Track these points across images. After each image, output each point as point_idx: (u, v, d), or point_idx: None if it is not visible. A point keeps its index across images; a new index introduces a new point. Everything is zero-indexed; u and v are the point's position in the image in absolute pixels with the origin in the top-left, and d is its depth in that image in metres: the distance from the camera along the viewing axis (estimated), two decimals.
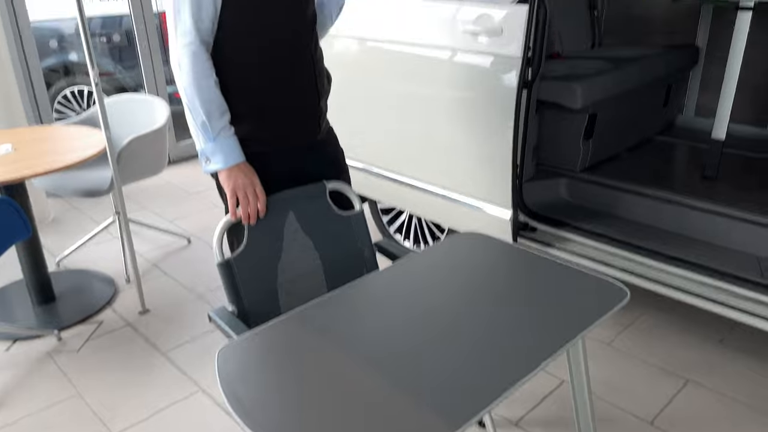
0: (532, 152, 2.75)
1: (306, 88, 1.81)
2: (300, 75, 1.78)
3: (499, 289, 1.54)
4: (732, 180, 2.75)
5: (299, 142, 1.83)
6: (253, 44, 1.67)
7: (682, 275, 2.26)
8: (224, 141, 1.66)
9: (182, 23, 1.58)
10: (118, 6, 4.94)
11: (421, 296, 1.52)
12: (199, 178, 4.54)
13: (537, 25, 2.33)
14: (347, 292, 1.56)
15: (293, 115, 1.80)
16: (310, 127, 1.86)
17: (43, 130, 3.07)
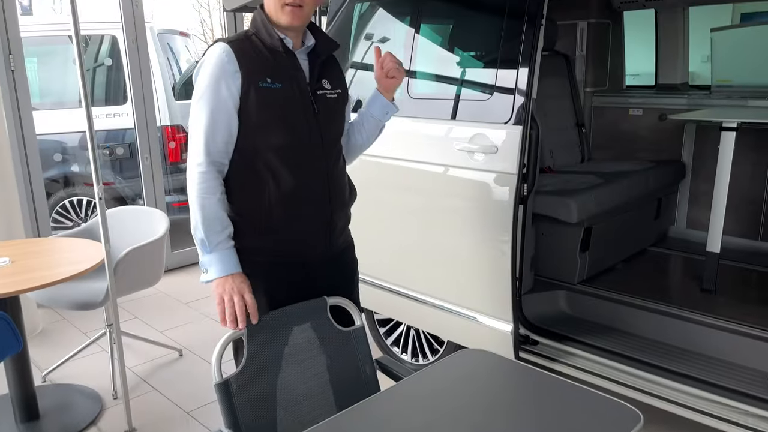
0: (530, 264, 2.77)
1: (317, 202, 1.83)
2: (310, 189, 1.81)
3: (507, 412, 1.49)
4: (730, 293, 2.76)
5: (308, 256, 1.83)
6: (264, 160, 1.73)
7: (687, 392, 2.21)
8: (220, 253, 1.70)
9: (195, 144, 1.70)
10: (123, 121, 5.12)
11: (426, 421, 1.46)
12: (192, 287, 4.50)
13: (530, 143, 2.43)
14: (349, 416, 1.50)
15: (302, 228, 1.81)
16: (319, 241, 1.86)
17: (40, 243, 3.07)
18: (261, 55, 1.73)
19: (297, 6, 1.71)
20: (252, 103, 1.69)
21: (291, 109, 1.75)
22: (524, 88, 2.37)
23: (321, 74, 1.84)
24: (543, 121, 3.39)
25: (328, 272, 1.91)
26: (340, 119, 1.92)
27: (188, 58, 6.07)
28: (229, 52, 1.69)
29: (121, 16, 4.46)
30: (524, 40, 2.39)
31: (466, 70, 2.69)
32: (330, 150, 1.86)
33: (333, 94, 1.86)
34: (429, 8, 2.80)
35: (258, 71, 1.70)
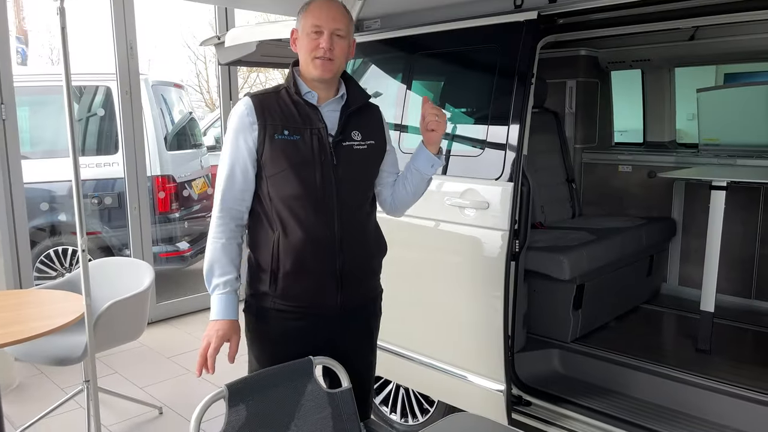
0: (523, 321, 2.72)
1: (324, 255, 1.81)
2: (317, 241, 1.80)
3: None
4: (725, 353, 2.71)
5: (316, 308, 1.82)
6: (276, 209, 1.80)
7: None
8: (217, 297, 1.79)
9: (216, 191, 1.83)
10: (113, 170, 5.09)
11: None
12: (176, 341, 4.38)
13: (522, 199, 2.41)
14: None
15: (308, 280, 1.81)
16: (327, 294, 1.83)
17: (21, 295, 3.00)
18: (285, 108, 1.80)
19: (327, 59, 1.77)
20: (267, 154, 1.77)
21: (305, 161, 1.78)
22: (515, 144, 2.37)
23: (351, 125, 1.86)
24: (534, 176, 3.41)
25: (343, 327, 1.89)
26: (368, 170, 1.92)
27: (181, 109, 6.11)
28: (250, 106, 1.79)
29: (116, 67, 4.50)
30: (515, 97, 2.41)
31: (457, 126, 2.70)
32: (346, 202, 1.84)
33: (362, 145, 1.87)
34: (420, 65, 2.84)
35: (276, 124, 1.78)
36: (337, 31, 1.78)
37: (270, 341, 1.85)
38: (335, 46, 1.78)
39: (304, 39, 1.79)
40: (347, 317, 1.89)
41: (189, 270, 5.96)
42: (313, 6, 1.80)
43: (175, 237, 5.51)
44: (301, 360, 1.78)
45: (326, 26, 1.77)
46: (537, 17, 2.36)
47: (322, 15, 1.78)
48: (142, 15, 4.71)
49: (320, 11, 1.79)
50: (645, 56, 3.65)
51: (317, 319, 1.85)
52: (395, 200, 2.01)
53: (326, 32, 1.77)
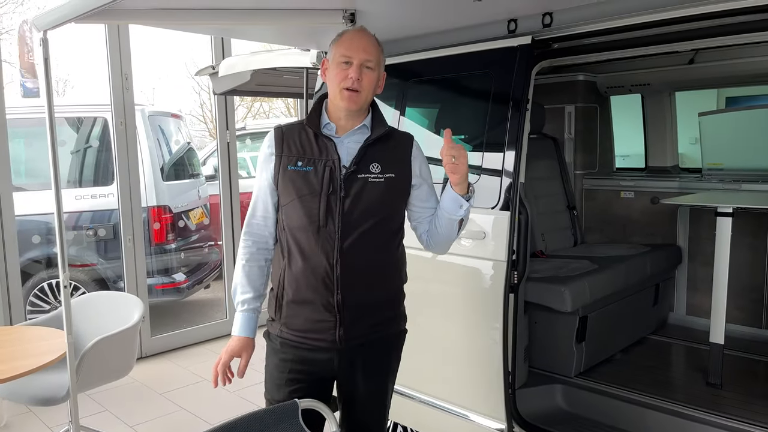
0: (524, 355, 2.61)
1: (321, 287, 1.77)
2: (315, 273, 1.77)
3: None
4: (737, 387, 2.58)
5: (316, 341, 1.81)
6: (285, 238, 1.83)
7: None
8: (237, 315, 1.89)
9: (247, 216, 1.90)
10: (109, 201, 5.04)
11: None
12: (170, 376, 4.26)
13: (520, 228, 2.33)
14: None
15: (306, 313, 1.80)
16: (326, 329, 1.79)
17: (6, 332, 2.91)
18: (305, 139, 1.83)
19: (354, 91, 1.76)
20: (281, 184, 1.82)
21: (312, 192, 1.77)
22: (511, 171, 2.30)
23: (370, 157, 1.81)
24: (533, 204, 3.33)
25: (349, 363, 1.84)
26: (384, 204, 1.81)
27: (178, 140, 6.08)
28: (272, 137, 1.86)
29: (111, 98, 4.47)
30: (510, 123, 2.34)
31: None
32: (351, 234, 1.76)
33: (380, 178, 1.80)
34: (414, 91, 2.78)
35: (292, 155, 1.81)
36: (367, 63, 1.78)
37: (275, 367, 1.88)
38: (363, 77, 1.77)
39: (334, 69, 1.80)
40: (352, 353, 1.83)
41: (185, 302, 5.86)
42: (345, 36, 1.82)
43: (171, 268, 5.43)
44: (287, 403, 1.68)
45: (356, 57, 1.77)
46: (531, 42, 2.31)
47: (352, 45, 1.78)
48: (144, 45, 4.72)
49: (351, 42, 1.79)
50: (644, 80, 3.59)
51: (318, 352, 1.82)
52: (431, 239, 1.93)
53: (356, 63, 1.77)
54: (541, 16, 2.35)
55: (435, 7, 2.32)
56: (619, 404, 2.47)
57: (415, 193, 1.89)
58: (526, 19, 2.39)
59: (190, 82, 14.97)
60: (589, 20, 2.21)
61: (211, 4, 2.27)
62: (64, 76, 15.45)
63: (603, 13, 2.18)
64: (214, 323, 5.17)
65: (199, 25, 2.75)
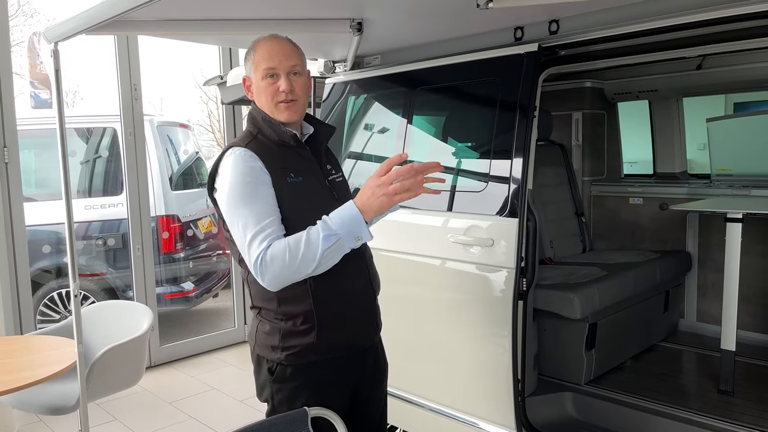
0: (533, 363, 2.60)
1: (362, 293, 1.79)
2: (355, 281, 1.77)
3: None
4: (749, 394, 2.56)
5: (358, 347, 1.79)
6: None
7: None
8: (338, 223, 1.55)
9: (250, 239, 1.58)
10: (119, 211, 5.07)
11: None
12: (180, 385, 4.27)
13: (528, 235, 2.32)
14: None
15: (352, 321, 1.77)
16: (368, 327, 1.84)
17: (16, 342, 2.92)
18: (275, 152, 1.69)
19: (291, 101, 1.69)
20: (286, 198, 1.65)
21: (318, 200, 1.70)
22: (519, 178, 2.30)
23: (326, 159, 1.84)
24: (542, 210, 3.33)
25: (369, 361, 1.87)
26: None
27: (187, 149, 6.12)
28: (253, 155, 1.65)
29: (120, 109, 4.51)
30: (517, 130, 2.35)
31: (460, 160, 2.63)
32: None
33: (339, 177, 1.86)
34: (421, 99, 2.79)
35: (280, 168, 1.67)
36: (293, 69, 1.70)
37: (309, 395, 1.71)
38: (295, 86, 1.69)
39: (261, 84, 1.69)
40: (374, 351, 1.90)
41: (194, 311, 5.88)
42: (261, 47, 1.71)
43: (179, 277, 5.45)
44: (295, 411, 1.68)
45: (281, 67, 1.68)
46: (537, 49, 2.31)
47: (273, 55, 1.68)
48: (153, 55, 4.76)
49: (270, 51, 1.69)
50: (652, 86, 3.58)
51: (354, 359, 1.80)
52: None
53: (283, 73, 1.68)
54: (547, 23, 2.36)
55: (441, 15, 2.33)
56: (629, 412, 2.45)
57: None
58: (533, 27, 2.40)
59: (198, 92, 15.06)
60: (595, 27, 2.21)
61: (218, 15, 2.29)
62: (74, 88, 15.57)
63: (609, 20, 2.19)
64: (223, 332, 5.18)
65: (207, 36, 2.78)
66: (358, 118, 3.07)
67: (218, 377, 4.43)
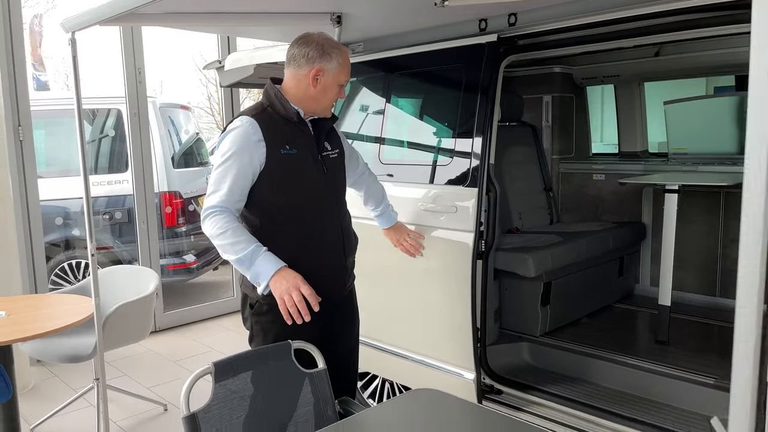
0: (494, 317, 2.94)
1: (335, 252, 2.13)
2: (329, 241, 2.11)
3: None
4: (686, 344, 2.91)
5: (329, 298, 2.04)
6: (288, 216, 2.03)
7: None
8: (260, 259, 1.91)
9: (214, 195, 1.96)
10: (124, 187, 5.40)
11: None
12: (182, 346, 4.63)
13: (489, 204, 2.65)
14: None
15: (323, 275, 2.07)
16: (337, 285, 2.16)
17: (36, 299, 3.26)
18: (278, 125, 2.02)
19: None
20: (276, 167, 1.98)
21: (307, 171, 2.05)
22: (480, 153, 2.62)
23: (324, 138, 2.16)
24: (511, 185, 3.65)
25: (340, 309, 2.21)
26: (343, 175, 2.25)
27: (188, 130, 6.42)
28: (254, 124, 1.97)
29: (125, 91, 4.82)
30: (481, 112, 2.66)
31: (430, 138, 2.95)
32: (341, 204, 2.18)
33: (334, 154, 2.20)
34: (398, 83, 3.10)
35: (278, 140, 1.99)
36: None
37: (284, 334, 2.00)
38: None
39: (333, 88, 2.06)
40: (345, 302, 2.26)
41: (195, 283, 6.23)
42: (346, 62, 2.08)
43: (181, 250, 5.79)
44: (281, 343, 2.01)
45: (347, 81, 2.11)
46: (497, 39, 2.62)
47: (349, 72, 2.10)
48: (153, 39, 5.05)
49: (349, 68, 2.10)
50: (615, 72, 3.89)
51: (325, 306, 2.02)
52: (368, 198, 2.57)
53: (345, 85, 2.11)
54: (507, 16, 2.67)
55: (412, 8, 2.64)
56: (577, 358, 2.79)
57: (347, 160, 2.30)
58: (495, 19, 2.70)
59: (198, 75, 15.27)
60: (549, 20, 2.51)
61: (217, 8, 2.60)
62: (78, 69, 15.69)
63: (562, 13, 2.48)
64: (222, 300, 5.54)
65: (208, 27, 3.09)
66: (345, 100, 3.39)
67: (217, 340, 4.79)
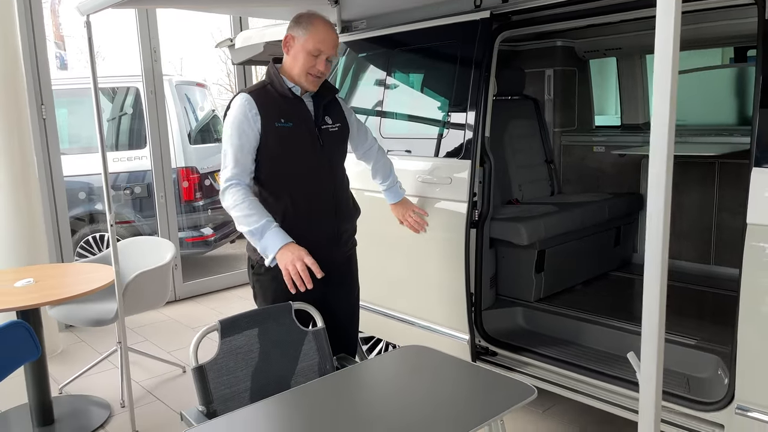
0: (490, 283, 3.09)
1: (326, 218, 2.28)
2: (321, 207, 2.26)
3: (431, 388, 1.80)
4: (672, 309, 3.01)
5: (321, 261, 2.16)
6: (282, 185, 2.21)
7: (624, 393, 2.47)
8: (269, 233, 2.10)
9: (226, 169, 2.16)
10: (143, 163, 5.61)
11: (364, 395, 1.78)
12: (201, 314, 4.86)
13: (484, 175, 2.78)
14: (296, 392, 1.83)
15: (315, 239, 2.22)
16: (329, 249, 2.30)
17: (61, 267, 3.49)
18: (275, 100, 2.19)
19: (317, 77, 2.21)
20: (271, 139, 2.16)
21: (301, 143, 2.22)
22: (474, 126, 2.74)
23: (324, 113, 2.31)
24: (512, 158, 3.77)
25: (339, 273, 2.37)
26: (342, 148, 2.39)
27: (204, 107, 6.60)
28: (250, 100, 2.15)
29: (142, 70, 4.99)
30: (476, 86, 2.77)
31: (428, 112, 3.08)
32: (335, 174, 2.32)
33: (335, 128, 2.34)
34: (398, 59, 3.22)
35: (273, 114, 2.16)
36: (331, 57, 2.21)
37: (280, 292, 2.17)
38: (326, 69, 2.21)
39: (303, 55, 2.16)
40: (344, 265, 2.41)
41: (212, 255, 6.47)
42: (319, 28, 2.15)
43: (199, 224, 6.02)
44: (282, 304, 2.19)
45: (325, 52, 2.17)
46: (490, 16, 2.72)
47: (326, 42, 2.15)
48: (173, 17, 5.20)
49: (325, 36, 2.15)
50: (616, 45, 3.94)
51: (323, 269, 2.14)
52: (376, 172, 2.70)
53: (324, 57, 2.18)
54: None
55: None
56: (568, 321, 2.93)
57: (355, 134, 2.43)
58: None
59: (218, 51, 15.39)
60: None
61: None
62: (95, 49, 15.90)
63: None
64: (238, 272, 5.75)
65: (215, 8, 3.23)
66: (348, 75, 3.52)
67: (233, 309, 5.01)
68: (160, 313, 4.86)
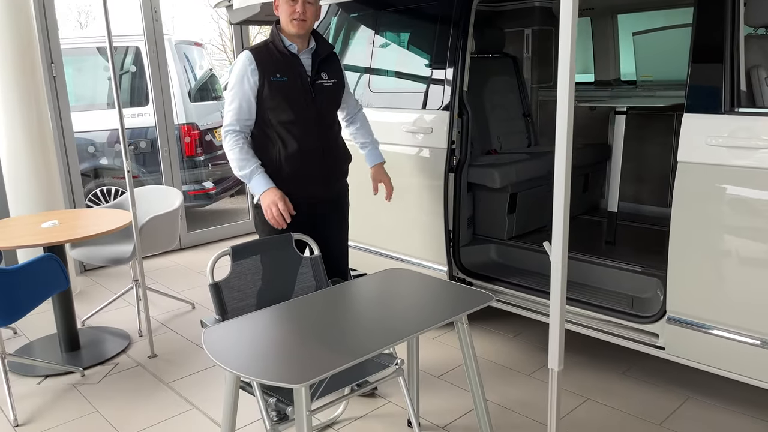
0: (467, 223, 3.46)
1: (315, 160, 2.62)
2: (309, 151, 2.60)
3: (408, 297, 2.19)
4: (627, 244, 3.42)
5: (311, 198, 2.61)
6: (276, 131, 2.56)
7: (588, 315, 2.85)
8: (256, 178, 2.54)
9: (227, 117, 2.56)
10: (146, 120, 5.90)
11: (352, 304, 2.16)
12: (206, 260, 5.24)
13: (462, 126, 3.12)
14: (294, 303, 2.21)
15: (304, 179, 2.61)
16: (318, 188, 2.66)
17: (82, 211, 3.83)
18: (274, 57, 2.56)
19: (301, 20, 2.52)
20: (267, 91, 2.51)
21: (294, 95, 2.56)
22: (452, 81, 3.07)
23: (320, 68, 2.65)
24: (492, 112, 4.10)
25: (328, 210, 2.74)
26: (336, 100, 2.72)
27: (202, 65, 6.85)
28: (250, 56, 2.52)
29: (143, 30, 5.24)
30: (454, 44, 3.09)
31: (412, 68, 3.39)
32: (323, 123, 2.64)
33: (330, 83, 2.68)
34: (384, 19, 3.52)
35: (270, 69, 2.51)
36: (308, 0, 2.51)
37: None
38: (307, 11, 2.52)
39: (284, 5, 2.53)
40: (333, 204, 2.75)
41: (214, 209, 6.82)
42: None
43: (200, 179, 6.35)
44: (283, 234, 2.55)
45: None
46: None
47: None
48: None
49: None
50: (590, 5, 4.24)
51: (312, 206, 2.64)
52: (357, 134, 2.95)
53: (300, 1, 2.49)
54: None
55: None
56: (535, 255, 3.31)
57: (344, 98, 2.75)
58: None
59: (209, 10, 15.43)
60: None
61: None
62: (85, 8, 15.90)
63: None
64: (240, 222, 6.12)
65: None
66: (340, 35, 3.81)
67: None
68: (167, 260, 5.24)
